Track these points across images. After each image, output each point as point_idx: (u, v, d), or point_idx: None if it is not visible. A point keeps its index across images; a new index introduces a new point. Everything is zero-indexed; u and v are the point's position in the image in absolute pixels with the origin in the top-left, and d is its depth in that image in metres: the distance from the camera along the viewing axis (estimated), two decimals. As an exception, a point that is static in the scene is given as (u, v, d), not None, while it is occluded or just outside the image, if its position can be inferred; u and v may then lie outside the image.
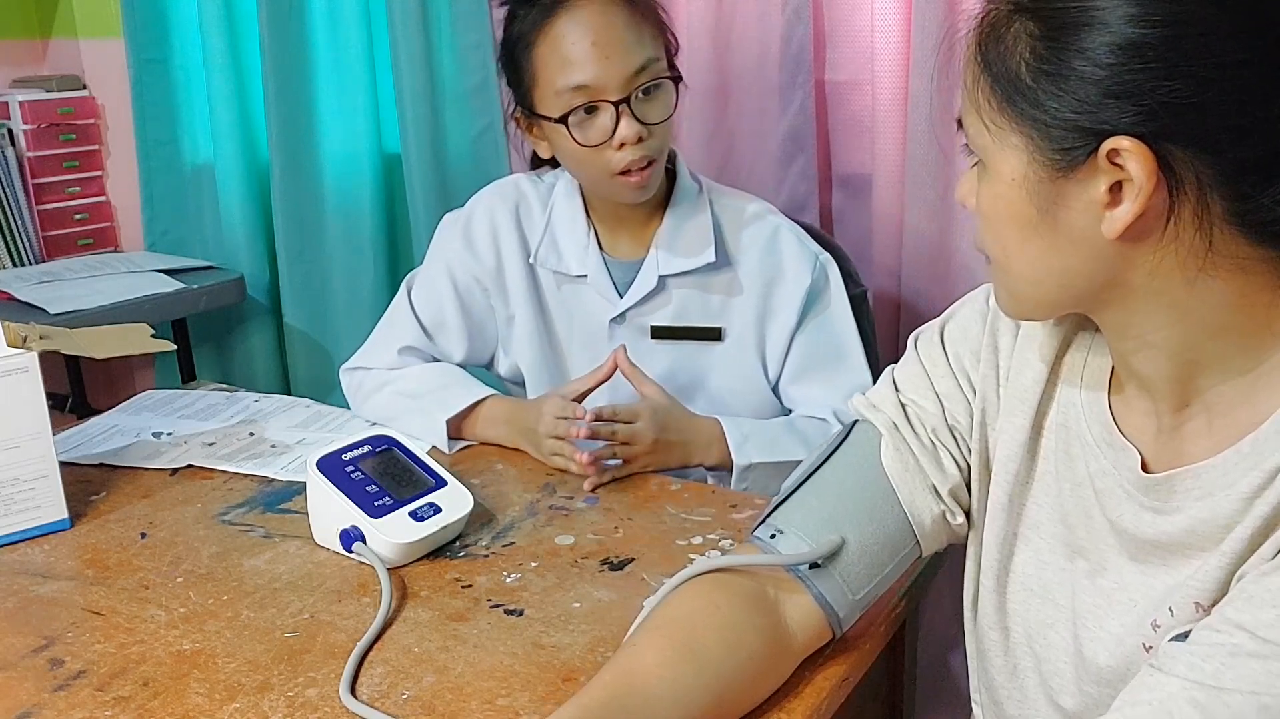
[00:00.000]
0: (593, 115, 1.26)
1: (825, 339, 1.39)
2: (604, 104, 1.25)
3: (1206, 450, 0.73)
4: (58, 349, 1.38)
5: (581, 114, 1.26)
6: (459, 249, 1.43)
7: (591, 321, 1.42)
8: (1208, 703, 0.63)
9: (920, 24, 1.57)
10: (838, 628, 0.88)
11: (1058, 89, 0.67)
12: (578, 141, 1.26)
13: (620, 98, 1.24)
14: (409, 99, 2.10)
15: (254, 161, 2.37)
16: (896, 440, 0.89)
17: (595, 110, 1.25)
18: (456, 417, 1.35)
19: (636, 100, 1.25)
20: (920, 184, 1.65)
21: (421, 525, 1.07)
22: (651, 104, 1.27)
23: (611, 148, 1.26)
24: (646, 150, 1.27)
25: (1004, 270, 0.76)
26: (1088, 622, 0.80)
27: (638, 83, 1.25)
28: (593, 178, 1.32)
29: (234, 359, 2.52)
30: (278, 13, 2.18)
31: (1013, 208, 0.72)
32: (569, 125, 1.26)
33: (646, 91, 1.26)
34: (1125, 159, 0.66)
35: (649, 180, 1.30)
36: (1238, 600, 0.66)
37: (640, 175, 1.28)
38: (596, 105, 1.25)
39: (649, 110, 1.27)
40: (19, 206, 2.44)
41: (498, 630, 0.96)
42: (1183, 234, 0.68)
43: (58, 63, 2.65)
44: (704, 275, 1.38)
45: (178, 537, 1.14)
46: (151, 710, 0.86)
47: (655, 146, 1.28)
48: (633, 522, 1.16)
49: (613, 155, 1.26)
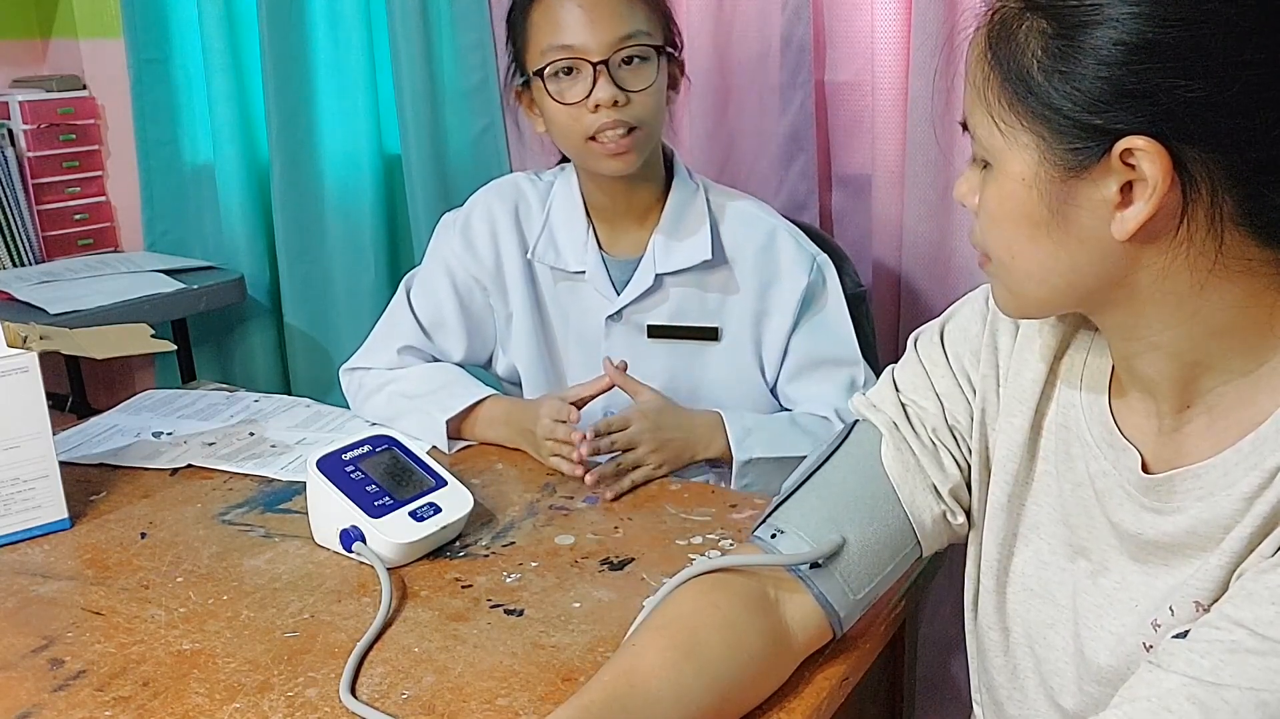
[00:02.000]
0: (572, 76, 1.28)
1: (822, 340, 1.39)
2: (583, 64, 1.26)
3: (1207, 451, 0.73)
4: (58, 349, 1.38)
5: (561, 74, 1.28)
6: (458, 249, 1.43)
7: (588, 319, 1.42)
8: (1206, 699, 0.63)
9: (920, 24, 1.57)
10: (838, 628, 0.88)
11: (1070, 87, 0.67)
12: (552, 97, 1.28)
13: (599, 59, 1.26)
14: (409, 99, 2.10)
15: (254, 161, 2.37)
16: (897, 440, 0.89)
17: (574, 71, 1.27)
18: (456, 417, 1.35)
19: (616, 66, 1.27)
20: (920, 184, 1.65)
21: (421, 525, 1.07)
22: (633, 72, 1.28)
23: (587, 109, 1.27)
24: (623, 115, 1.27)
25: (1006, 270, 0.76)
26: (1088, 622, 0.80)
27: (620, 48, 1.26)
28: (572, 145, 1.33)
29: (234, 359, 2.52)
30: (278, 13, 2.18)
31: (1023, 207, 0.71)
32: (545, 78, 1.28)
33: (629, 61, 1.27)
34: (1139, 159, 0.65)
35: (627, 151, 1.29)
36: (1237, 598, 0.66)
37: (616, 144, 1.28)
38: (574, 65, 1.27)
39: (628, 77, 1.27)
40: (19, 206, 2.44)
41: (498, 630, 0.96)
42: (1194, 235, 0.67)
43: (58, 63, 2.65)
44: (701, 274, 1.38)
45: (178, 537, 1.14)
46: (151, 710, 0.86)
47: (634, 114, 1.28)
48: (633, 522, 1.16)
49: (589, 117, 1.27)
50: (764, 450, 1.29)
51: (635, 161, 1.31)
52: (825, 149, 1.81)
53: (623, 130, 1.28)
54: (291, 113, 2.24)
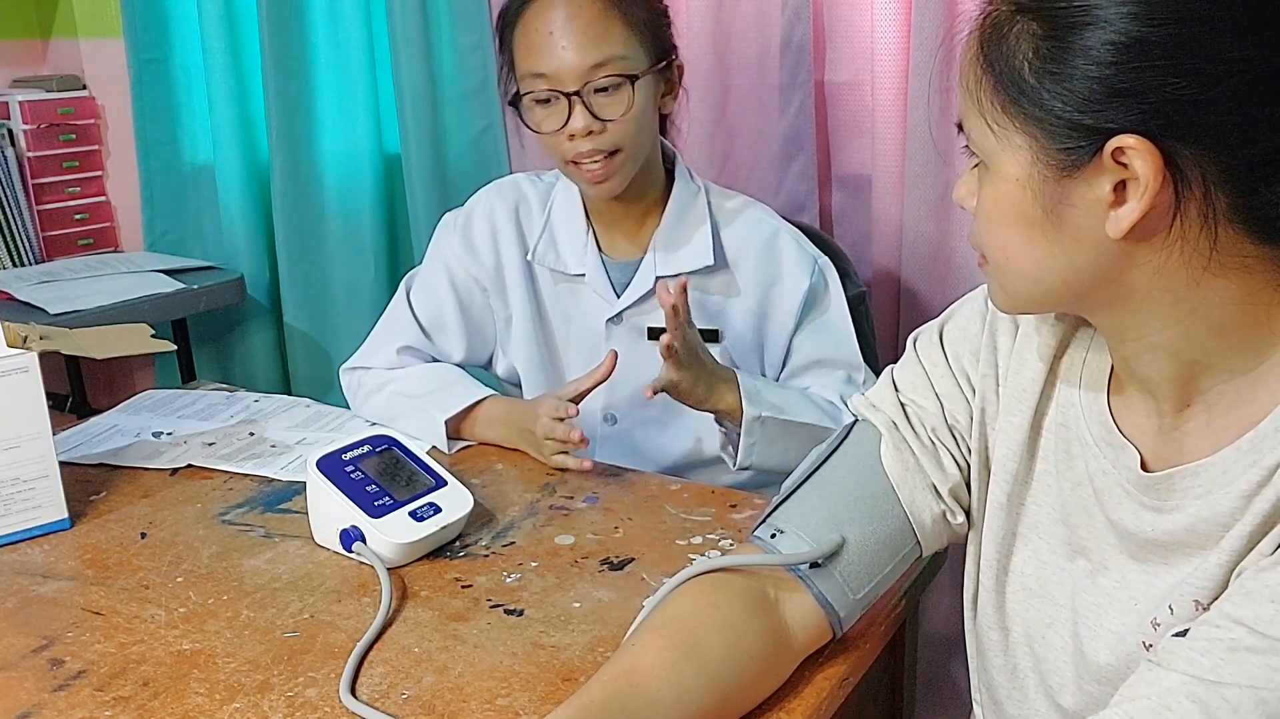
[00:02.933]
0: (548, 105, 1.28)
1: (824, 342, 1.39)
2: (557, 95, 1.26)
3: (1206, 449, 0.73)
4: (58, 349, 1.38)
5: (537, 104, 1.28)
6: (458, 249, 1.43)
7: (588, 321, 1.42)
8: (1206, 697, 0.63)
9: (920, 24, 1.57)
10: (838, 628, 0.88)
11: (1061, 88, 0.67)
12: (530, 127, 1.30)
13: (573, 90, 1.25)
14: (409, 99, 2.10)
15: (254, 161, 2.37)
16: (896, 440, 0.89)
17: (548, 101, 1.27)
18: (455, 417, 1.35)
19: (591, 94, 1.26)
20: (920, 184, 1.65)
21: (421, 525, 1.07)
22: (609, 99, 1.27)
23: (564, 137, 1.27)
24: (598, 144, 1.27)
25: (1002, 269, 0.76)
26: (1088, 621, 0.80)
27: (593, 77, 1.25)
28: (558, 165, 1.34)
29: (234, 359, 2.52)
30: (278, 13, 2.18)
31: (1017, 208, 0.72)
32: (519, 107, 1.30)
33: (604, 88, 1.26)
34: (1131, 157, 0.66)
35: (607, 174, 1.29)
36: (1236, 596, 0.66)
37: (595, 169, 1.28)
38: (549, 96, 1.27)
39: (605, 105, 1.27)
40: (19, 206, 2.44)
41: (498, 630, 0.96)
42: (1188, 232, 0.68)
43: (58, 63, 2.65)
44: (702, 277, 1.38)
45: (178, 537, 1.14)
46: (151, 710, 0.86)
47: (612, 141, 1.28)
48: (633, 522, 1.16)
49: (566, 144, 1.28)
50: (773, 410, 1.28)
51: (619, 185, 1.32)
52: (825, 149, 1.81)
53: (601, 156, 1.28)
54: (291, 113, 2.24)
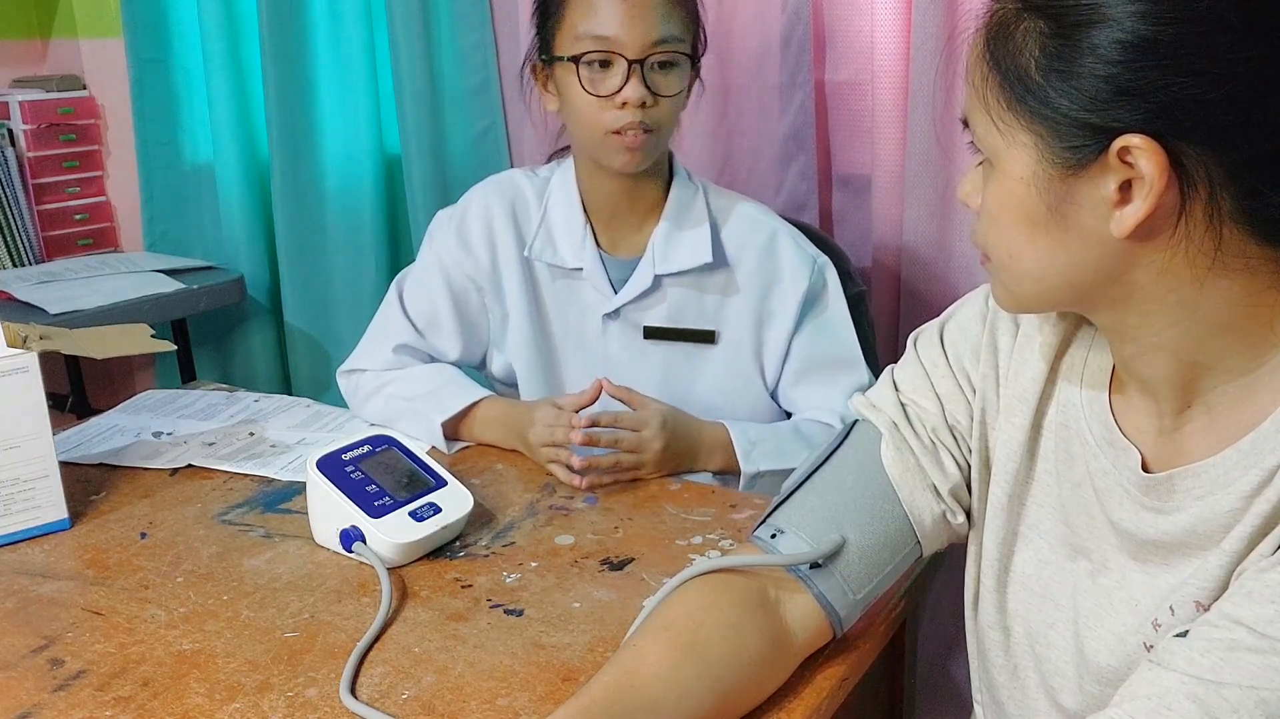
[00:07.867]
0: (605, 69, 1.28)
1: (824, 342, 1.39)
2: (618, 59, 1.27)
3: (1207, 449, 0.73)
4: (58, 349, 1.38)
5: (596, 65, 1.28)
6: (453, 248, 1.42)
7: (586, 317, 1.41)
8: (1206, 697, 0.63)
9: (920, 24, 1.57)
10: (838, 628, 0.88)
11: (1068, 86, 0.67)
12: (585, 87, 1.28)
13: (636, 58, 1.26)
14: (409, 100, 2.10)
15: (254, 161, 2.37)
16: (897, 440, 0.89)
17: (609, 64, 1.28)
18: (453, 418, 1.35)
19: (650, 68, 1.27)
20: (920, 184, 1.65)
21: (421, 525, 1.07)
22: (664, 76, 1.29)
23: (614, 104, 1.27)
24: (646, 118, 1.28)
25: (1006, 268, 0.76)
26: (1089, 621, 0.80)
27: (655, 51, 1.27)
28: (588, 134, 1.32)
29: (234, 359, 2.52)
30: (278, 13, 2.18)
31: (1022, 206, 0.72)
32: (580, 66, 1.28)
33: (662, 65, 1.28)
34: (1136, 157, 0.66)
35: (642, 148, 1.30)
36: (1236, 596, 0.66)
37: (634, 138, 1.28)
38: (611, 59, 1.27)
39: (660, 81, 1.28)
40: (19, 206, 2.44)
41: (498, 630, 0.96)
42: (1192, 232, 0.68)
43: (58, 63, 2.65)
44: (700, 277, 1.38)
45: (178, 537, 1.14)
46: (151, 710, 0.86)
47: (656, 117, 1.29)
48: (633, 522, 1.16)
49: (614, 112, 1.28)
50: (770, 463, 1.29)
51: (644, 161, 1.32)
52: (825, 149, 1.81)
53: (642, 131, 1.28)
54: (291, 113, 2.24)
